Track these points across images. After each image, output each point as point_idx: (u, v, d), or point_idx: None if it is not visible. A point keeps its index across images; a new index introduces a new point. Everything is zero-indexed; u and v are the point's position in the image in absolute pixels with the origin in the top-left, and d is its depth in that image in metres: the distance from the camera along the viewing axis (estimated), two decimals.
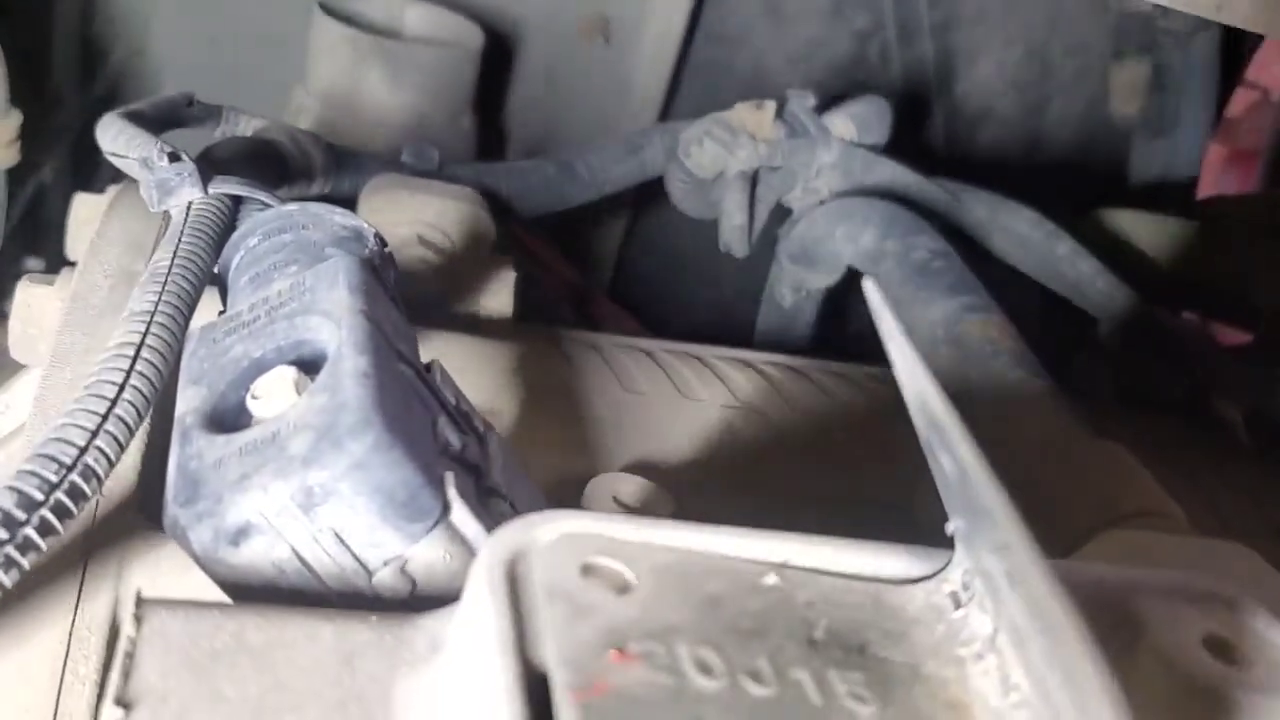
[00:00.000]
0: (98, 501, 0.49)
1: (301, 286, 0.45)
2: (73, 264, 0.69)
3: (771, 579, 0.37)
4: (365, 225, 0.51)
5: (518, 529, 0.35)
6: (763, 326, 1.09)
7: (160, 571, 0.47)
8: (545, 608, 0.33)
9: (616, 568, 0.35)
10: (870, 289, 0.37)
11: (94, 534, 0.47)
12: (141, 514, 0.49)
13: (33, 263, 1.06)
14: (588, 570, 0.34)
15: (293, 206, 0.51)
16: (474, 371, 0.74)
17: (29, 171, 1.04)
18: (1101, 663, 0.28)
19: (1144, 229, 1.11)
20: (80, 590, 0.45)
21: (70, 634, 0.46)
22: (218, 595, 0.41)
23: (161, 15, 1.21)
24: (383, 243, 0.51)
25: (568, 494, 0.64)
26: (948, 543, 0.39)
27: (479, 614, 0.33)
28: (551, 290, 1.23)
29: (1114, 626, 0.41)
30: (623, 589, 0.34)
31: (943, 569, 0.38)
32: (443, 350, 0.73)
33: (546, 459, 0.69)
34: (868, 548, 0.39)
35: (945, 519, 0.46)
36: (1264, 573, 0.48)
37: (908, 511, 0.71)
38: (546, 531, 0.35)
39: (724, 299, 1.53)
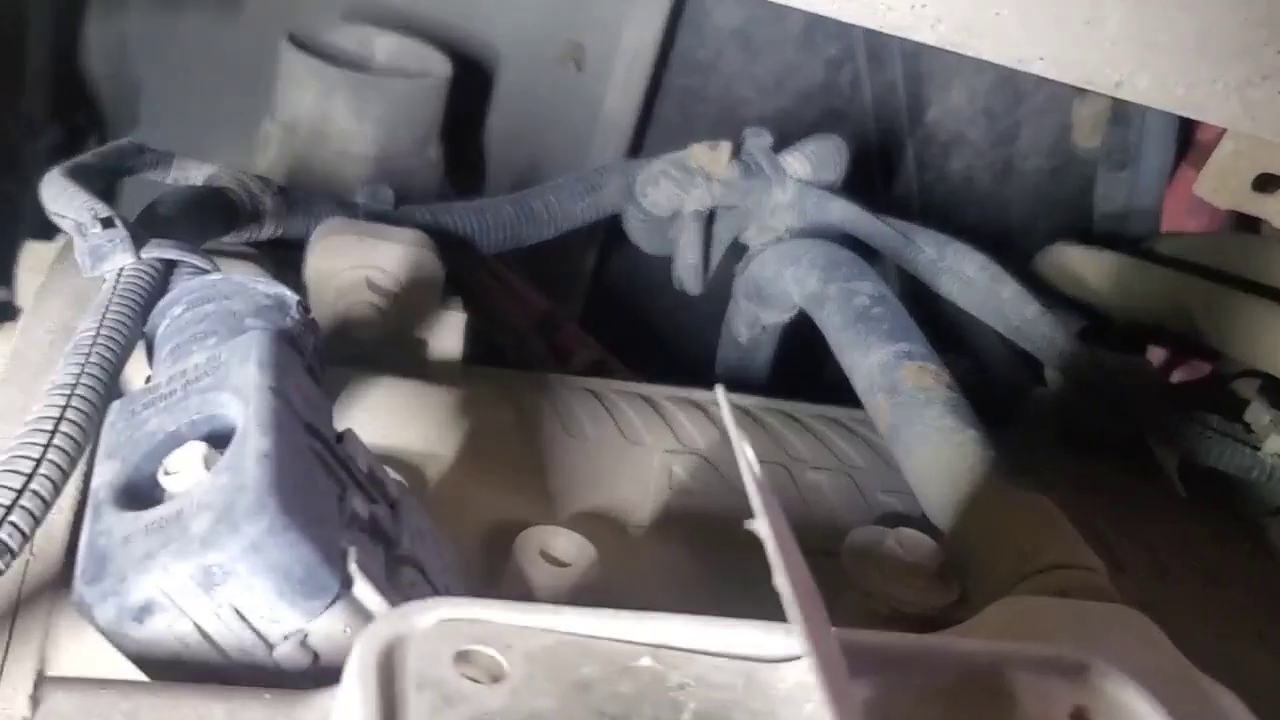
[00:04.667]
0: (27, 565, 0.51)
1: (216, 361, 0.47)
2: (17, 310, 0.71)
3: (646, 660, 0.38)
4: (288, 294, 0.53)
5: (395, 618, 0.37)
6: (722, 361, 1.11)
7: (82, 641, 0.48)
8: (414, 697, 0.34)
9: (491, 654, 0.36)
10: (721, 395, 0.39)
11: (20, 602, 0.49)
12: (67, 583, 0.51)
13: (2, 293, 1.07)
14: (461, 658, 0.36)
15: (216, 276, 0.53)
16: (419, 416, 0.75)
17: (1, 202, 1.06)
18: None
19: (1102, 266, 1.13)
20: (5, 658, 0.47)
21: None
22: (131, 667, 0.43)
23: (135, 44, 1.22)
24: (305, 310, 0.53)
25: (505, 542, 0.66)
26: None
27: (351, 702, 0.35)
28: (520, 319, 1.24)
29: (987, 700, 0.42)
30: (496, 676, 0.36)
31: None
32: (389, 395, 0.75)
33: (486, 505, 0.71)
34: (746, 626, 0.41)
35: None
36: (1150, 638, 0.50)
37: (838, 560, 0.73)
38: (424, 619, 0.37)
39: (694, 325, 1.54)
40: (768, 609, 0.42)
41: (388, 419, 0.73)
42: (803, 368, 1.14)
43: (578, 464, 0.77)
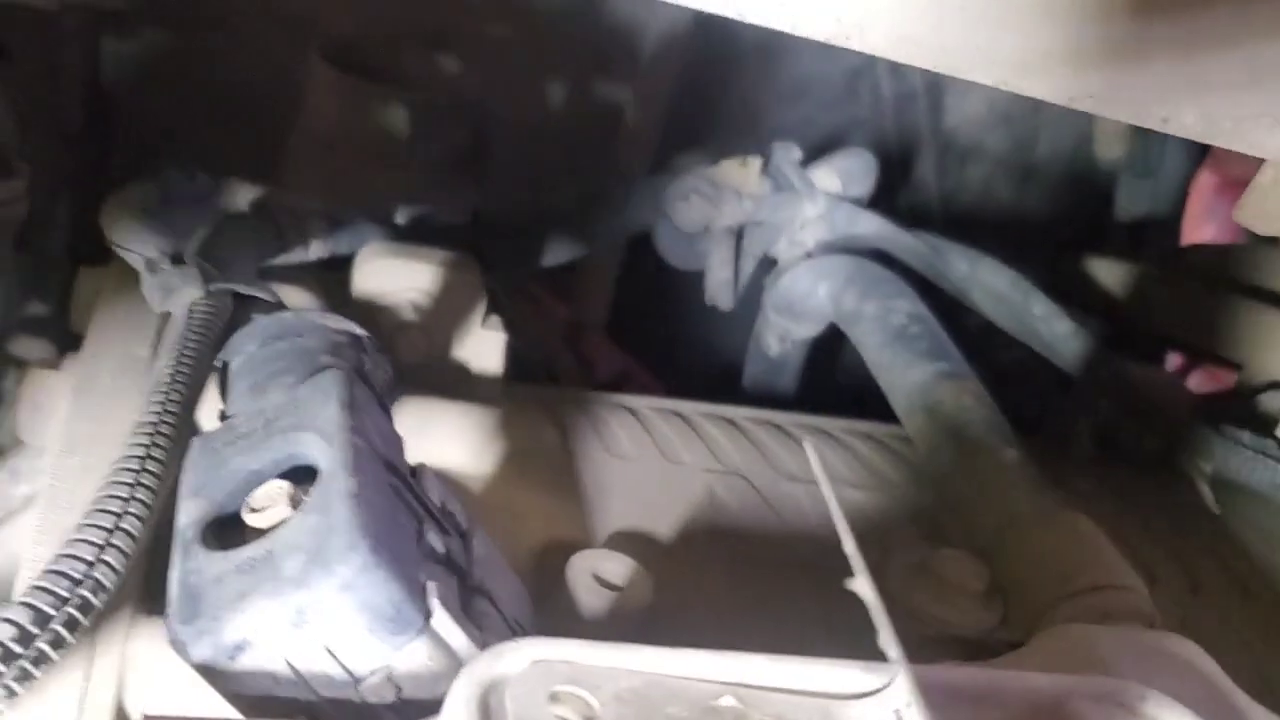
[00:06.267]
0: None
1: (295, 401, 0.48)
2: (77, 336, 0.72)
3: (727, 700, 0.39)
4: (358, 329, 0.54)
5: (490, 660, 0.38)
6: (750, 374, 1.12)
7: (157, 672, 0.50)
8: None
9: (582, 695, 0.38)
10: (811, 451, 0.40)
11: (98, 635, 0.50)
12: (142, 606, 0.52)
13: (36, 307, 1.08)
14: (555, 698, 0.37)
15: (289, 314, 0.54)
16: (464, 437, 0.76)
17: (37, 218, 1.06)
18: None
19: (1125, 277, 1.14)
20: (85, 689, 0.49)
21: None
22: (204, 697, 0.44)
23: (167, 58, 1.24)
24: (376, 345, 0.54)
25: (550, 565, 0.67)
26: None
27: None
28: (547, 330, 1.26)
29: None
30: (587, 717, 0.37)
31: (888, 685, 0.41)
32: (434, 415, 0.76)
33: (531, 526, 0.72)
34: (820, 665, 0.42)
35: None
36: (1202, 667, 0.51)
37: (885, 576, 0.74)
38: (517, 660, 0.38)
39: (717, 332, 1.55)
40: (809, 630, 0.44)
41: (435, 439, 0.74)
42: (820, 376, 1.16)
43: (620, 483, 0.78)
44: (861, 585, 0.38)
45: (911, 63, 0.54)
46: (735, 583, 0.72)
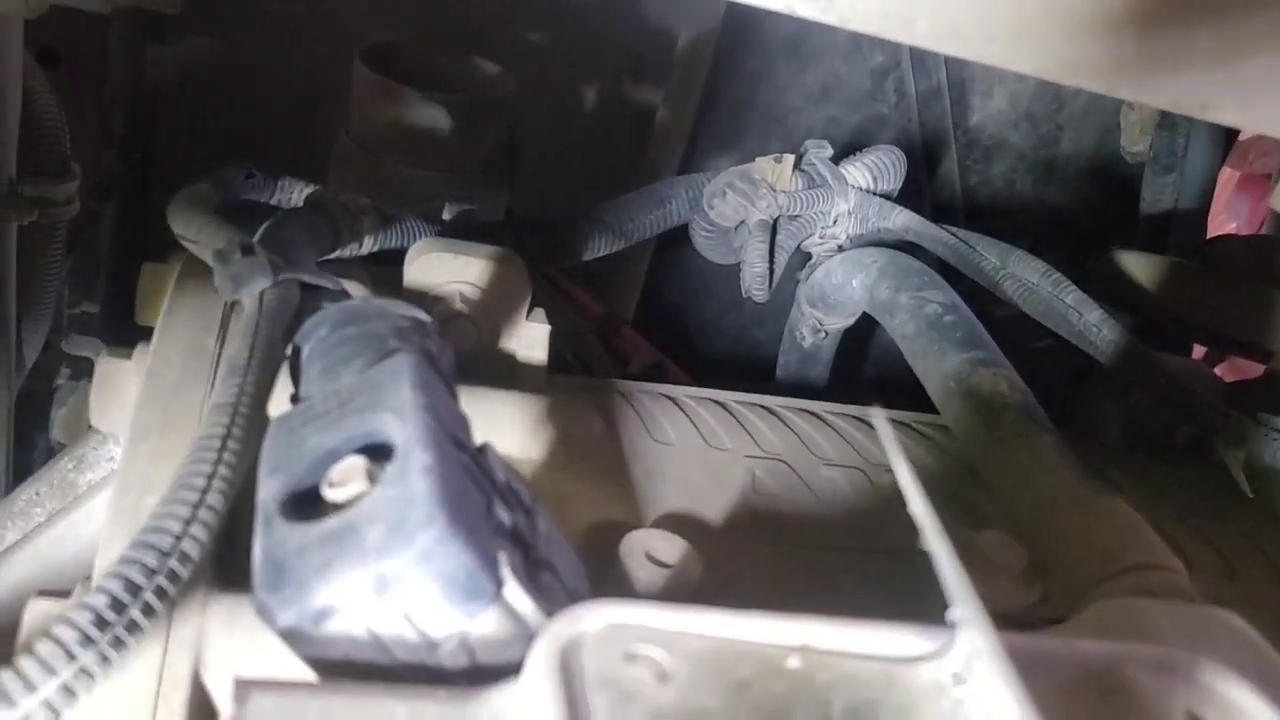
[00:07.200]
0: None
1: (369, 382, 0.50)
2: (143, 328, 0.74)
3: (794, 662, 0.41)
4: (423, 315, 0.56)
5: (569, 621, 0.40)
6: (784, 365, 1.14)
7: (233, 641, 0.52)
8: (595, 694, 0.37)
9: (656, 656, 0.39)
10: (881, 422, 0.41)
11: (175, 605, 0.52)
12: (217, 576, 0.55)
13: (87, 306, 1.11)
14: (631, 659, 0.39)
15: (357, 301, 0.56)
16: (511, 425, 0.78)
17: (86, 217, 1.09)
18: None
19: (1153, 270, 1.15)
20: (164, 658, 0.51)
21: (158, 690, 0.51)
22: (279, 652, 0.46)
23: (209, 62, 1.26)
24: (439, 330, 0.56)
25: (600, 545, 0.69)
26: None
27: (537, 700, 0.38)
28: (578, 323, 1.28)
29: (1105, 698, 0.45)
30: (662, 676, 0.39)
31: (947, 648, 0.43)
32: (482, 405, 0.78)
33: (580, 511, 0.74)
34: (881, 628, 0.44)
35: None
36: (1249, 640, 0.53)
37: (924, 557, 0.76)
38: (594, 622, 0.40)
39: (744, 324, 1.58)
40: (853, 607, 0.45)
41: (486, 426, 0.76)
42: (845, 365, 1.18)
43: (665, 468, 0.80)
44: (934, 543, 0.40)
45: (957, 54, 0.55)
46: (780, 563, 0.74)
